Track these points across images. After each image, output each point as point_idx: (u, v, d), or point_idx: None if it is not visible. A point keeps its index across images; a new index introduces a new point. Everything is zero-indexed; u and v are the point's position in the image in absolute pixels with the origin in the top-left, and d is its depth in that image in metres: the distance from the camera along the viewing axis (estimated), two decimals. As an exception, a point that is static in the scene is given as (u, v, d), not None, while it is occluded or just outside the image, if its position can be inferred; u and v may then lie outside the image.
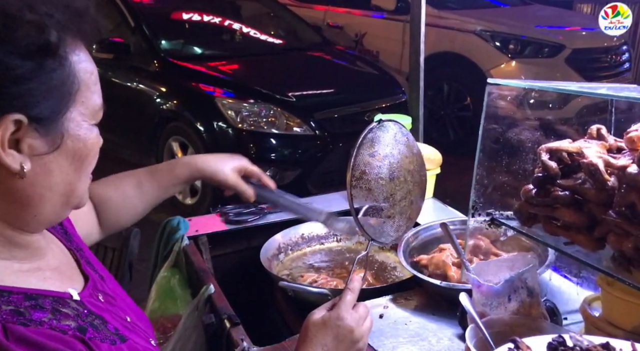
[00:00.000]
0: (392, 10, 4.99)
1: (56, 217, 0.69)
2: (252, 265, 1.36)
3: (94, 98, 0.66)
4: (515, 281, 0.86)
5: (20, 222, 0.65)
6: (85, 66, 0.64)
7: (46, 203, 0.65)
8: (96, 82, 0.67)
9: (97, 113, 0.67)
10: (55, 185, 0.64)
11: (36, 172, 0.62)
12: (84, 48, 0.65)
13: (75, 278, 0.73)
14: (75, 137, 0.64)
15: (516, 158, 0.94)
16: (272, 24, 4.65)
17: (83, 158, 0.66)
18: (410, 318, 1.05)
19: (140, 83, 3.70)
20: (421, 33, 1.58)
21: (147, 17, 3.90)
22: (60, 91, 0.62)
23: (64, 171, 0.65)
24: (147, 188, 1.04)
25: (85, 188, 0.69)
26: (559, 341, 0.64)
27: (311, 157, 3.36)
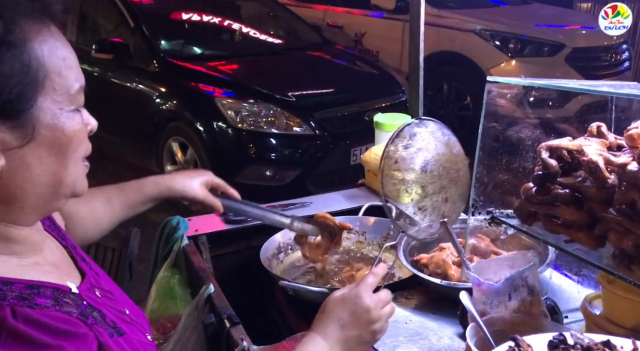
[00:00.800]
0: (391, 10, 4.99)
1: (47, 208, 0.68)
2: (252, 264, 1.36)
3: (69, 83, 0.64)
4: (516, 279, 0.85)
5: (10, 217, 0.64)
6: (53, 51, 0.62)
7: (31, 196, 0.64)
8: (71, 66, 0.64)
9: (75, 98, 0.65)
10: (36, 177, 0.63)
11: (12, 166, 0.61)
12: (50, 32, 0.63)
13: (72, 274, 0.74)
14: (50, 126, 0.62)
15: (516, 157, 0.94)
16: (272, 24, 4.65)
17: (64, 146, 0.64)
18: (411, 317, 1.05)
19: (140, 83, 3.70)
20: (421, 32, 1.58)
21: (147, 17, 3.90)
22: (22, 81, 0.59)
23: (44, 163, 0.63)
24: (116, 205, 1.07)
25: (77, 176, 0.67)
26: (560, 340, 0.64)
27: (311, 157, 3.35)
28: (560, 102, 3.89)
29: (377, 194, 1.65)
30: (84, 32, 4.27)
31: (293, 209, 1.56)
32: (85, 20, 4.36)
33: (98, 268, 0.83)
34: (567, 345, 0.63)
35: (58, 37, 0.64)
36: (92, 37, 4.05)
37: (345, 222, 1.35)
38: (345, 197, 1.65)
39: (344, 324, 0.80)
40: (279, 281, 1.22)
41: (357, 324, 0.80)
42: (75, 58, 0.66)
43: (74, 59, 0.65)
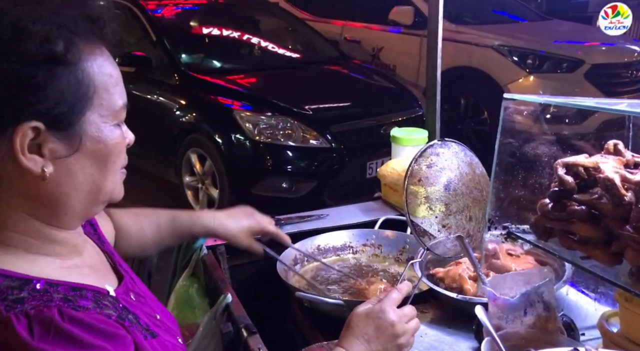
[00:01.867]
0: (409, 25, 5.03)
1: (87, 212, 0.73)
2: (269, 275, 1.38)
3: (114, 100, 0.69)
4: (532, 295, 0.86)
5: (54, 220, 0.69)
6: (103, 69, 0.67)
7: (74, 202, 0.69)
8: (116, 84, 0.70)
9: (119, 114, 0.70)
10: (79, 185, 0.68)
11: (59, 174, 0.66)
12: (102, 51, 0.68)
13: (109, 277, 0.78)
14: (95, 138, 0.67)
15: (532, 173, 0.95)
16: (290, 39, 4.73)
17: (105, 158, 0.69)
18: (426, 330, 1.06)
19: (161, 96, 3.78)
20: (438, 47, 1.60)
21: (169, 31, 3.99)
22: (75, 96, 0.65)
23: (87, 172, 0.68)
24: (164, 234, 1.14)
25: (114, 184, 0.73)
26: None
27: (327, 169, 3.38)
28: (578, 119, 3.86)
29: (393, 207, 1.66)
30: (107, 45, 4.39)
31: (309, 221, 1.58)
32: (109, 34, 4.48)
33: (133, 273, 0.87)
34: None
35: (107, 56, 0.69)
36: (115, 51, 4.15)
37: None
38: (361, 209, 1.67)
39: (369, 339, 0.82)
40: (295, 292, 1.24)
41: (383, 338, 0.82)
42: (120, 77, 0.71)
43: (119, 78, 0.71)
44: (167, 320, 0.83)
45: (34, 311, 0.59)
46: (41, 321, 0.59)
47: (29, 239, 0.68)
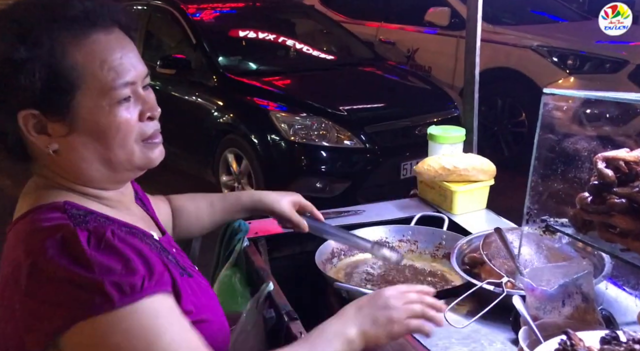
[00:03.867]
0: (445, 26, 5.00)
1: (116, 178, 0.84)
2: (305, 269, 1.42)
3: (106, 81, 0.76)
4: (570, 286, 0.87)
5: (90, 184, 0.82)
6: (91, 56, 0.76)
7: (90, 171, 0.81)
8: (110, 67, 0.77)
9: (111, 92, 0.77)
10: (87, 158, 0.80)
11: (65, 149, 0.78)
12: (94, 41, 0.76)
13: (154, 229, 0.92)
14: (88, 119, 0.77)
15: (571, 167, 0.96)
16: (325, 41, 4.77)
17: (103, 135, 0.78)
18: (463, 322, 1.08)
19: (200, 97, 3.88)
20: (477, 46, 1.61)
21: (208, 34, 4.10)
22: (54, 86, 0.74)
23: (89, 147, 0.79)
24: (217, 209, 1.27)
25: (130, 154, 0.81)
26: (613, 336, 0.66)
27: (361, 170, 3.40)
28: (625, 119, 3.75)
29: (429, 204, 1.68)
30: (149, 48, 4.54)
31: (346, 216, 1.62)
32: (150, 38, 4.64)
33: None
34: (619, 341, 0.65)
35: (99, 44, 0.77)
36: (156, 54, 4.30)
37: None
38: (397, 206, 1.69)
39: (361, 305, 0.89)
40: (333, 283, 1.27)
41: (373, 305, 0.88)
42: (122, 59, 0.78)
43: (118, 61, 0.78)
44: (201, 278, 0.94)
45: (92, 227, 0.74)
46: (97, 236, 0.72)
47: (80, 195, 0.82)
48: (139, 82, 0.82)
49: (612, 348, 0.63)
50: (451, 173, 1.58)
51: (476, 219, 1.56)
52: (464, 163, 1.58)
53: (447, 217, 1.56)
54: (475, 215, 1.59)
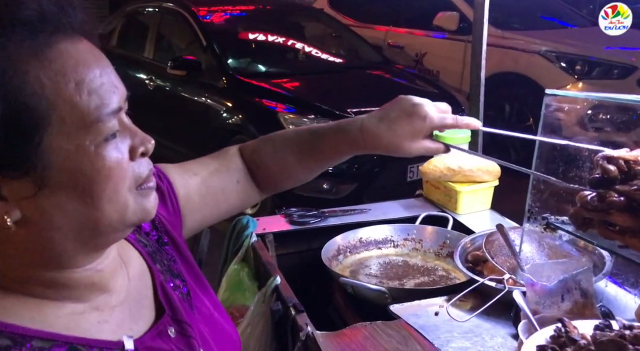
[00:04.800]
0: (454, 31, 5.03)
1: (97, 246, 0.60)
2: (312, 265, 1.45)
3: (84, 110, 0.53)
4: (569, 281, 0.89)
5: (53, 264, 0.57)
6: (61, 76, 0.52)
7: (65, 243, 0.56)
8: (91, 89, 0.53)
9: (96, 126, 0.54)
10: (61, 224, 0.55)
11: (32, 217, 0.53)
12: (63, 52, 0.53)
13: (142, 313, 0.66)
14: (64, 168, 0.53)
15: (572, 166, 0.98)
16: (334, 44, 4.82)
17: (87, 188, 0.54)
18: (465, 317, 1.10)
19: (209, 98, 3.93)
20: (483, 49, 1.64)
21: (218, 36, 4.15)
22: (12, 126, 0.50)
23: (67, 208, 0.54)
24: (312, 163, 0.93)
25: (123, 209, 0.58)
26: (606, 324, 0.68)
27: (368, 172, 3.43)
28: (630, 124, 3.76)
29: (434, 204, 1.71)
30: (160, 50, 4.61)
31: (352, 214, 1.65)
32: (162, 39, 4.71)
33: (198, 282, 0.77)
34: (612, 329, 0.67)
35: (69, 57, 0.53)
36: (167, 55, 4.36)
37: None
38: (403, 206, 1.72)
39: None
40: (339, 278, 1.30)
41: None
42: (102, 78, 0.55)
43: (98, 81, 0.54)
44: (221, 343, 0.73)
45: None
46: None
47: (32, 286, 0.57)
48: (123, 107, 0.59)
49: (604, 333, 0.66)
50: (456, 173, 1.61)
51: (480, 219, 1.58)
52: (469, 164, 1.60)
53: (452, 217, 1.59)
54: (479, 215, 1.62)
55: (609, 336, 0.64)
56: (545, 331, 0.72)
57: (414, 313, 1.13)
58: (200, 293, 0.76)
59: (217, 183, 0.87)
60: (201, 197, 0.85)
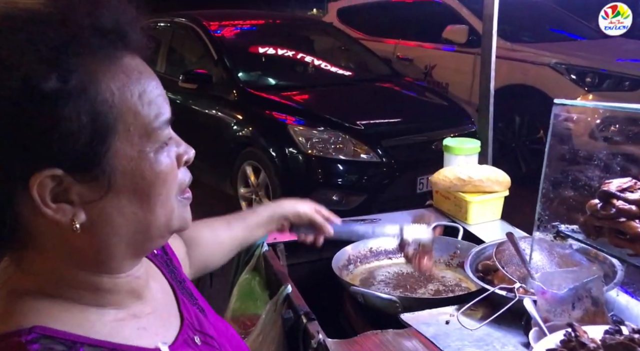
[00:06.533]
0: (463, 44, 5.06)
1: (140, 252, 0.64)
2: (322, 275, 1.46)
3: (147, 120, 0.58)
4: (580, 290, 0.89)
5: (102, 268, 0.61)
6: (127, 88, 0.56)
7: (119, 246, 0.60)
8: (150, 101, 0.58)
9: (157, 134, 0.58)
10: (121, 227, 0.59)
11: (95, 220, 0.57)
12: (125, 66, 0.57)
13: (171, 322, 0.70)
14: (129, 173, 0.57)
15: (582, 175, 0.99)
16: (344, 57, 4.87)
17: (147, 192, 0.58)
18: (476, 325, 1.10)
19: (220, 111, 3.98)
20: (492, 60, 1.66)
21: (228, 50, 4.21)
22: (89, 131, 0.53)
23: (126, 211, 0.58)
24: (237, 229, 1.10)
25: (170, 214, 0.62)
26: (616, 329, 0.68)
27: (377, 183, 3.44)
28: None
29: (444, 214, 1.71)
30: (172, 64, 4.68)
31: (362, 224, 1.65)
32: (173, 53, 4.79)
33: (205, 302, 0.82)
34: (622, 334, 0.67)
35: (132, 70, 0.58)
36: (179, 69, 4.43)
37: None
38: (413, 216, 1.72)
39: None
40: (350, 287, 1.31)
41: None
42: (157, 90, 0.60)
43: (155, 92, 0.59)
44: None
45: None
46: None
47: (79, 291, 0.60)
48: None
49: (613, 337, 0.66)
50: (466, 183, 1.61)
51: (490, 229, 1.58)
52: (479, 174, 1.61)
53: (462, 227, 1.60)
54: (489, 225, 1.62)
55: (618, 339, 0.64)
56: (556, 336, 0.73)
57: (424, 322, 1.14)
58: (210, 311, 0.81)
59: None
60: None
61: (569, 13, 5.85)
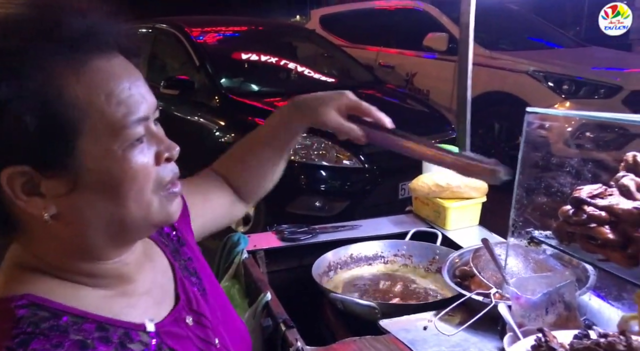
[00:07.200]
0: (443, 51, 5.13)
1: (124, 242, 0.67)
2: (302, 283, 1.46)
3: (115, 119, 0.60)
4: (553, 295, 0.91)
5: (86, 255, 0.65)
6: (93, 89, 0.59)
7: (95, 237, 0.63)
8: (120, 101, 0.60)
9: (123, 133, 0.60)
10: (94, 220, 0.62)
11: (66, 212, 0.60)
12: (94, 68, 0.60)
13: (164, 302, 0.72)
14: (94, 170, 0.59)
15: (555, 181, 1.01)
16: (326, 64, 4.89)
17: (115, 188, 0.61)
18: (453, 331, 1.11)
19: (202, 117, 3.96)
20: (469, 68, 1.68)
21: (211, 56, 4.20)
22: (52, 131, 0.57)
23: (97, 206, 0.61)
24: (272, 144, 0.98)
25: (148, 209, 0.64)
26: (584, 334, 0.70)
27: (360, 190, 3.45)
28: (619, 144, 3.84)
29: (424, 220, 1.73)
30: (153, 70, 4.65)
31: (342, 231, 1.67)
32: (155, 59, 4.76)
33: (210, 280, 0.83)
34: (590, 338, 0.69)
35: (101, 72, 0.60)
36: (160, 75, 4.40)
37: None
38: (393, 222, 1.74)
39: None
40: (329, 294, 1.31)
41: None
42: (131, 90, 0.62)
43: (126, 93, 0.61)
44: (236, 341, 0.79)
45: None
46: None
47: (70, 273, 0.64)
48: (151, 116, 0.65)
49: (581, 341, 0.68)
50: (444, 190, 1.63)
51: (468, 235, 1.60)
52: (457, 181, 1.63)
53: (441, 233, 1.61)
54: (467, 230, 1.64)
55: (585, 344, 0.66)
56: (527, 341, 0.74)
57: (403, 328, 1.14)
58: (214, 291, 0.83)
59: (203, 199, 0.96)
60: (194, 205, 0.91)
61: (547, 22, 5.98)
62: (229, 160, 1.04)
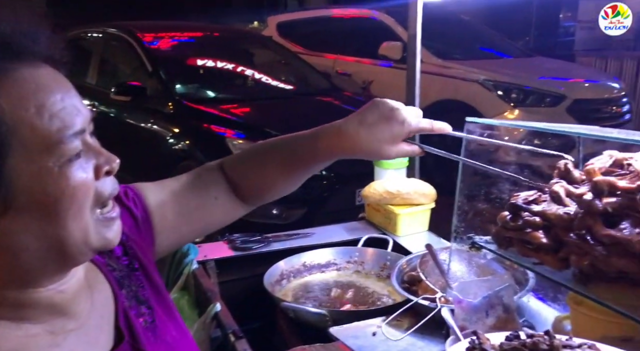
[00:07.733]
0: (398, 60, 5.24)
1: (63, 268, 0.61)
2: (255, 292, 1.45)
3: (45, 133, 0.55)
4: (492, 298, 0.95)
5: (17, 283, 0.59)
6: (22, 102, 0.54)
7: (30, 263, 0.57)
8: (52, 114, 0.55)
9: (58, 148, 0.56)
10: (28, 244, 0.56)
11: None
12: (23, 80, 0.55)
13: (99, 341, 0.66)
14: (27, 189, 0.54)
15: (494, 188, 1.05)
16: (283, 71, 4.90)
17: (52, 207, 0.56)
18: (400, 336, 1.13)
19: (155, 124, 3.89)
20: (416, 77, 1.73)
21: (164, 62, 4.14)
22: None
23: (33, 228, 0.56)
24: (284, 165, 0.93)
25: (88, 230, 0.60)
26: (515, 335, 0.73)
27: (317, 197, 3.47)
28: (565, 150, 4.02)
29: (376, 227, 1.76)
30: (104, 75, 4.53)
31: (296, 238, 1.67)
32: (105, 64, 4.64)
33: (166, 309, 0.77)
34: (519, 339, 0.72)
35: (29, 83, 0.56)
36: (111, 80, 4.29)
37: None
38: (346, 229, 1.76)
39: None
40: (281, 303, 1.31)
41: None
42: (64, 102, 0.57)
43: (59, 105, 0.57)
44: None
45: None
46: None
47: None
48: (87, 128, 0.61)
49: (510, 343, 0.71)
50: (395, 196, 1.67)
51: (418, 240, 1.64)
52: (407, 188, 1.67)
53: (392, 239, 1.64)
54: (417, 236, 1.68)
55: (512, 345, 0.69)
56: (462, 344, 0.77)
57: (352, 335, 1.16)
58: (167, 321, 0.77)
59: (194, 201, 0.87)
60: (176, 215, 0.85)
61: (497, 33, 6.22)
62: (245, 159, 0.95)
